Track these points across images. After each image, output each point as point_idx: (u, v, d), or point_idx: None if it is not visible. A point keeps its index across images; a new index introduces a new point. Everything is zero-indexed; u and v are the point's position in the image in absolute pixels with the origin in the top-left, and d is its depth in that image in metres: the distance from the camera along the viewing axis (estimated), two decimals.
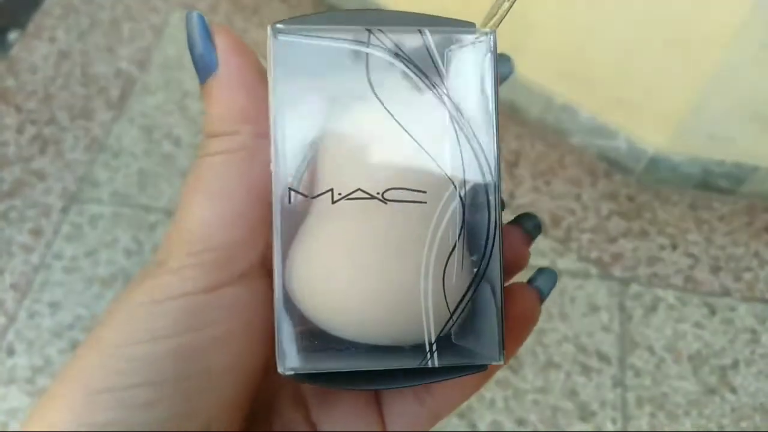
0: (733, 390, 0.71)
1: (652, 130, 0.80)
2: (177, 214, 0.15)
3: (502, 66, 0.18)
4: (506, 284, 0.19)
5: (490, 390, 0.70)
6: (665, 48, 0.71)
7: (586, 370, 0.72)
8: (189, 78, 0.93)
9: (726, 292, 0.77)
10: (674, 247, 0.80)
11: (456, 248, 0.15)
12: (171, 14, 1.00)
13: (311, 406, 0.18)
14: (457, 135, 0.15)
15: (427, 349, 0.15)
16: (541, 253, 0.78)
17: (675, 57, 0.71)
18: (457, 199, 0.15)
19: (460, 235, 0.15)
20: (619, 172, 0.85)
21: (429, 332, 0.15)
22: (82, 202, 0.82)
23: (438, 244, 0.15)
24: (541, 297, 0.19)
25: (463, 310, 0.15)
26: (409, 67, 0.15)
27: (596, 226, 0.81)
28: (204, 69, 0.15)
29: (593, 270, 0.78)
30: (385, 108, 0.15)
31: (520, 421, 0.69)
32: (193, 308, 0.14)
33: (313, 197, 0.15)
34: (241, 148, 0.15)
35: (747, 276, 0.78)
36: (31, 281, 0.77)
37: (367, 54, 0.15)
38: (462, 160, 0.15)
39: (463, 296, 0.15)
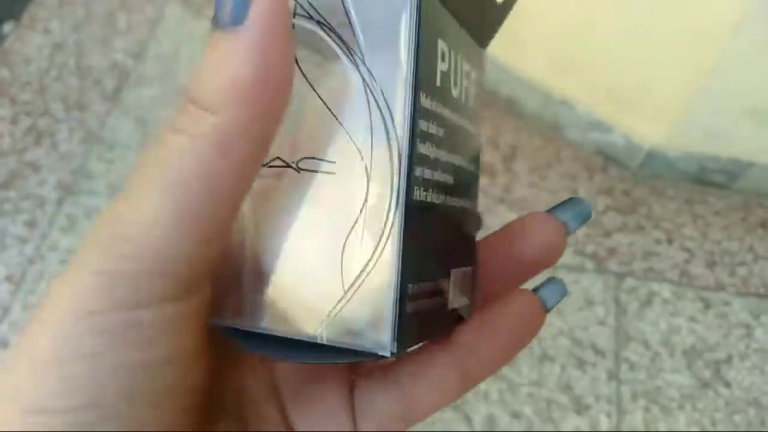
0: (727, 384, 0.71)
1: (648, 125, 0.80)
2: (120, 199, 0.13)
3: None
4: (519, 287, 0.18)
5: (484, 383, 0.70)
6: (662, 43, 0.71)
7: (581, 363, 0.72)
8: (184, 70, 0.92)
9: (721, 287, 0.78)
10: (670, 241, 0.81)
11: (357, 224, 0.14)
12: (166, 6, 0.99)
13: (286, 400, 0.17)
14: (368, 103, 0.14)
15: (317, 324, 0.14)
16: None
17: (672, 52, 0.71)
18: (363, 172, 0.14)
19: (362, 209, 0.14)
20: (616, 166, 0.85)
21: (322, 308, 0.14)
22: (77, 194, 0.82)
23: (341, 218, 0.14)
24: (545, 308, 0.18)
25: (356, 290, 0.14)
26: (322, 26, 0.14)
27: (592, 220, 0.82)
28: (228, 11, 0.12)
29: (589, 264, 0.78)
30: (302, 74, 0.14)
31: (515, 414, 0.69)
32: (126, 324, 0.12)
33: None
34: (217, 135, 0.12)
35: (742, 271, 0.79)
36: (26, 273, 0.76)
37: (292, 23, 0.14)
38: (371, 130, 0.14)
39: (358, 276, 0.14)
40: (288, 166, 0.14)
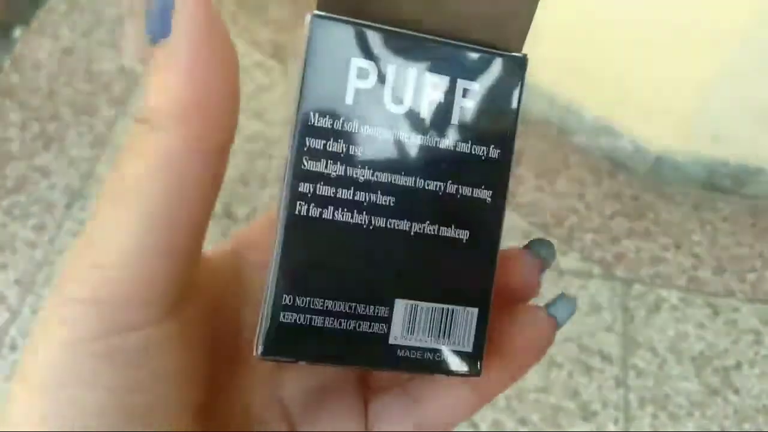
0: (736, 391, 0.71)
1: (657, 130, 0.79)
2: (92, 227, 0.13)
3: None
4: (523, 305, 0.18)
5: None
6: (671, 47, 0.71)
7: (588, 370, 0.72)
8: None
9: (730, 293, 0.77)
10: (678, 247, 0.80)
11: (280, 204, 0.15)
12: None
13: (294, 415, 0.17)
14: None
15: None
16: None
17: (681, 56, 0.71)
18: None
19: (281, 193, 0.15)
20: (623, 171, 0.85)
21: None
22: (86, 198, 0.83)
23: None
24: (558, 325, 0.18)
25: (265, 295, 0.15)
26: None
27: (600, 225, 0.81)
28: (156, 24, 0.12)
29: (596, 270, 0.78)
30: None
31: (522, 421, 0.69)
32: (113, 349, 0.13)
33: None
34: (173, 155, 0.12)
35: (751, 277, 0.78)
36: (35, 277, 0.77)
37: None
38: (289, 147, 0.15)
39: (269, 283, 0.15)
40: None
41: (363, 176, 0.15)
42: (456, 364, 0.15)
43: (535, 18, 0.16)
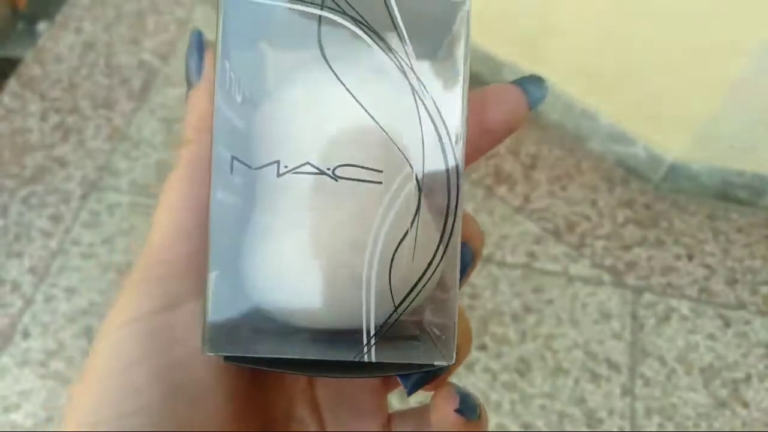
0: (745, 404, 0.70)
1: (671, 138, 0.79)
2: (152, 226, 0.16)
3: (534, 89, 0.16)
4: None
5: (496, 393, 0.70)
6: (687, 55, 0.70)
7: (595, 377, 0.71)
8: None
9: (741, 305, 0.76)
10: (690, 257, 0.79)
11: (407, 236, 0.13)
12: (195, 8, 1.01)
13: (326, 420, 0.18)
14: (418, 113, 0.13)
15: (365, 341, 0.14)
16: (553, 258, 0.78)
17: (697, 64, 0.70)
18: (414, 182, 0.13)
19: (413, 222, 0.13)
20: (637, 179, 0.84)
21: (368, 325, 0.13)
22: (101, 190, 0.84)
23: (387, 230, 0.13)
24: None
25: (409, 304, 0.14)
26: (365, 30, 0.13)
27: (611, 233, 0.81)
28: (189, 79, 0.16)
29: (606, 277, 0.77)
30: (338, 78, 0.13)
31: (526, 426, 0.68)
32: (156, 329, 0.14)
33: (257, 168, 0.14)
34: (196, 158, 0.15)
35: (764, 290, 0.77)
36: (49, 266, 0.78)
37: (319, 16, 0.13)
38: (422, 138, 0.13)
39: (411, 290, 0.13)
40: (322, 173, 0.14)
41: None
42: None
43: (551, 23, 0.15)
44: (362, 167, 0.13)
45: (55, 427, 0.68)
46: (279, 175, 0.14)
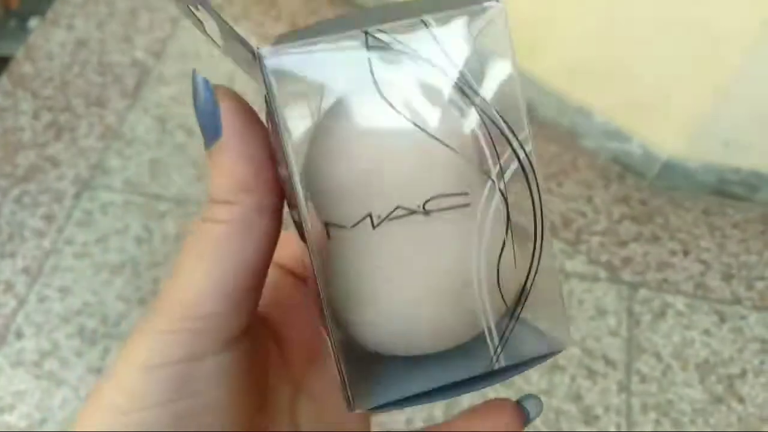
0: (741, 400, 0.70)
1: (667, 134, 0.79)
2: (174, 274, 0.16)
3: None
4: (489, 403, 0.18)
5: (494, 390, 0.70)
6: (683, 51, 0.70)
7: (591, 374, 0.71)
8: (204, 70, 0.93)
9: (737, 301, 0.76)
10: (686, 253, 0.80)
11: (506, 245, 0.14)
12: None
13: None
14: (482, 122, 0.14)
15: (492, 353, 0.14)
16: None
17: (692, 61, 0.70)
18: (497, 192, 0.14)
19: (507, 230, 0.14)
20: (632, 176, 0.85)
21: (492, 338, 0.14)
22: (94, 189, 0.83)
23: (487, 245, 0.14)
24: (527, 420, 0.18)
25: (522, 306, 0.14)
26: (414, 60, 0.13)
27: (607, 229, 0.81)
28: (209, 134, 0.15)
29: (602, 273, 0.77)
30: (397, 111, 0.13)
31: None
32: (183, 376, 0.15)
33: (352, 227, 0.14)
34: (239, 220, 0.15)
35: (759, 285, 0.77)
36: (42, 265, 0.78)
37: (369, 59, 0.13)
38: (491, 148, 0.14)
39: (520, 293, 0.14)
40: (414, 212, 0.14)
41: None
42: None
43: (548, 21, 0.15)
44: (448, 194, 0.14)
45: (52, 428, 0.68)
46: (374, 227, 0.14)
